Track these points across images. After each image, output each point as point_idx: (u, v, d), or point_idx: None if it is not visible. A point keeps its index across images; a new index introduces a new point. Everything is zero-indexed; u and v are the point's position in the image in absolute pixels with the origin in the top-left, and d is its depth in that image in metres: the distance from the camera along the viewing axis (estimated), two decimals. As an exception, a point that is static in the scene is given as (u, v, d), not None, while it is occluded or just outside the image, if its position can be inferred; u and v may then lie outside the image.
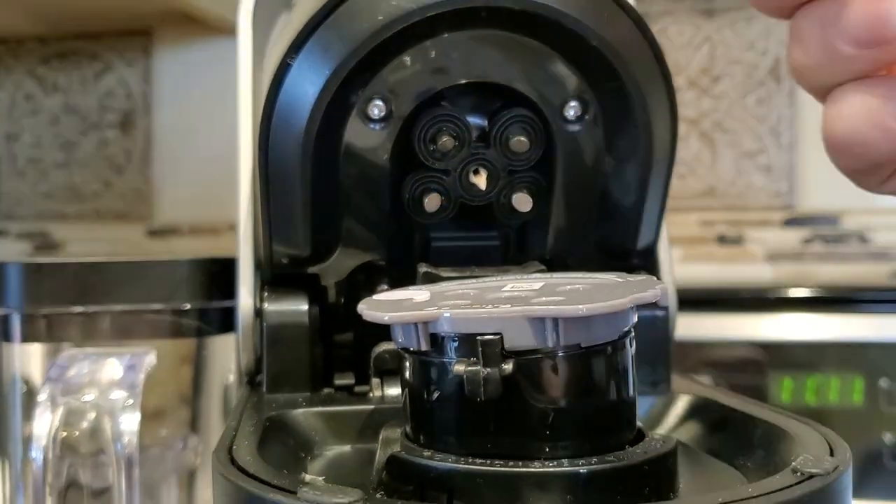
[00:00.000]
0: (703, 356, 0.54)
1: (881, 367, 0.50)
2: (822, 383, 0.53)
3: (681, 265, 0.64)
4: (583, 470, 0.17)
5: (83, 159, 0.80)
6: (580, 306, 0.16)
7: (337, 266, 0.26)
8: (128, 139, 0.80)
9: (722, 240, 0.64)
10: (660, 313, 0.26)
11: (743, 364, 0.54)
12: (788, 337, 0.53)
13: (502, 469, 0.17)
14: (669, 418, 0.23)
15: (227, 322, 0.31)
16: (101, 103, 0.81)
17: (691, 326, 0.56)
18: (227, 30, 0.65)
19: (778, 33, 0.64)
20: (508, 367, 0.17)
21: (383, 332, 0.19)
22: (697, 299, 0.56)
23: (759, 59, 0.65)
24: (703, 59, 0.66)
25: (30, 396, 0.33)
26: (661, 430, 0.23)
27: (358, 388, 0.26)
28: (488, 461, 0.17)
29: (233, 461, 0.17)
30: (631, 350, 0.18)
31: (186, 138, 0.80)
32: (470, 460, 0.17)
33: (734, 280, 0.61)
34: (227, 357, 0.37)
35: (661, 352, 0.25)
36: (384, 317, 0.18)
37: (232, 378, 0.37)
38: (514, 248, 0.26)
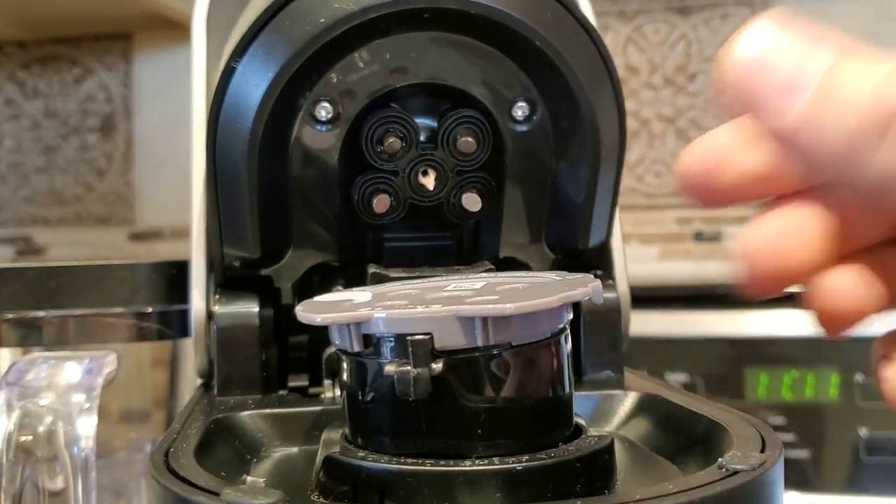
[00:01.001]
0: (678, 352, 0.55)
1: (856, 362, 0.50)
2: (798, 378, 0.53)
3: (658, 262, 0.64)
4: (515, 467, 0.17)
5: (64, 164, 0.80)
6: (508, 305, 0.16)
7: (290, 268, 0.26)
8: (109, 143, 0.80)
9: (699, 237, 0.64)
10: (612, 309, 0.26)
11: (719, 360, 0.54)
12: (764, 333, 0.53)
13: (433, 468, 0.17)
14: (618, 415, 0.24)
15: (186, 326, 0.31)
16: (82, 107, 0.81)
17: (668, 323, 0.56)
18: (205, 33, 0.65)
19: (754, 30, 0.64)
20: (438, 366, 0.17)
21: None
22: (675, 296, 0.56)
23: (736, 57, 0.65)
24: (678, 57, 0.66)
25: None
26: (610, 426, 0.23)
27: (313, 390, 0.26)
28: (420, 461, 0.17)
29: (167, 464, 0.17)
30: (566, 347, 0.18)
31: (167, 141, 0.80)
32: (402, 460, 0.17)
33: (711, 277, 0.61)
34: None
35: (613, 348, 0.26)
36: (317, 318, 0.18)
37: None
38: (468, 247, 0.26)
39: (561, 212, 0.26)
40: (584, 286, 0.18)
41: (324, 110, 0.23)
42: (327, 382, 0.24)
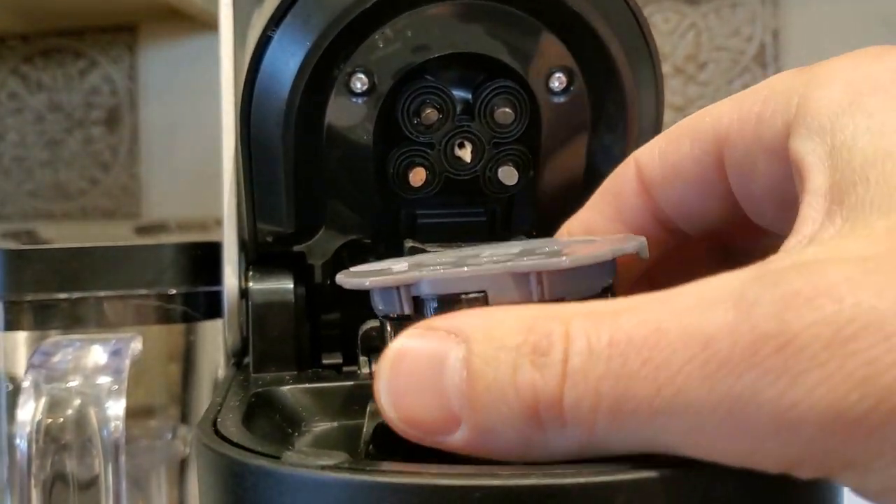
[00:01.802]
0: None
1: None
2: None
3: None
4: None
5: (69, 157, 0.80)
6: (563, 258, 0.16)
7: (322, 244, 0.25)
8: (114, 136, 0.79)
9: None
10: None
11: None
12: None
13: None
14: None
15: (212, 307, 0.31)
16: (87, 100, 0.80)
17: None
18: (213, 25, 0.64)
19: (763, 19, 0.64)
20: None
21: (370, 310, 0.19)
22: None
23: (744, 46, 0.65)
24: (688, 47, 0.66)
25: (15, 392, 0.32)
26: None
27: (346, 368, 0.25)
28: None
29: (217, 432, 0.17)
30: None
31: (173, 134, 0.80)
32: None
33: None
34: (216, 347, 0.37)
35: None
36: (365, 282, 0.17)
37: (221, 370, 0.37)
38: (501, 224, 0.26)
39: (595, 188, 0.25)
40: (633, 241, 0.18)
41: (359, 82, 0.23)
42: (363, 359, 0.24)
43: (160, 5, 0.69)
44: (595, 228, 0.22)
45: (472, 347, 0.14)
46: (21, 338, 0.32)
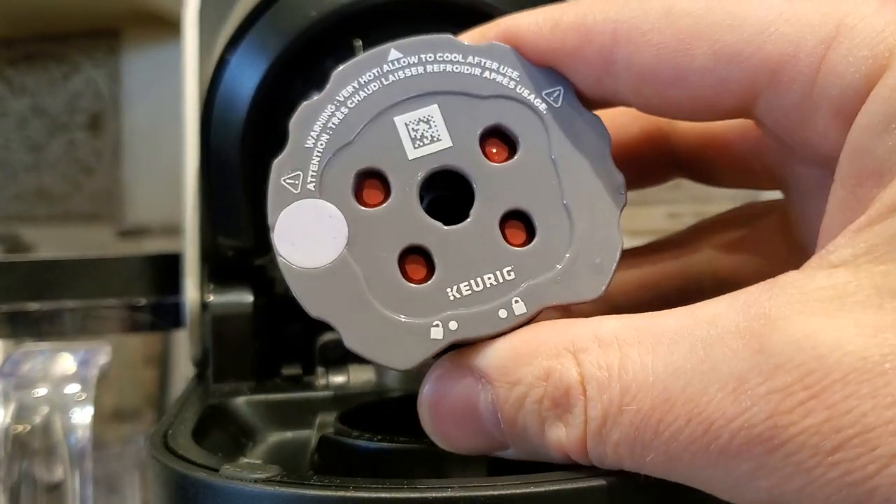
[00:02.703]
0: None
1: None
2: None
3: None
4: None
5: (52, 161, 0.80)
6: None
7: (283, 258, 0.26)
8: (97, 140, 0.80)
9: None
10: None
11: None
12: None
13: (426, 447, 0.17)
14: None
15: (179, 318, 0.32)
16: (70, 105, 0.80)
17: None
18: (193, 29, 0.65)
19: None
20: None
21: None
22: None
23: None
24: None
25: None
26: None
27: (306, 378, 0.26)
28: (412, 439, 0.17)
29: (166, 445, 0.18)
30: None
31: (156, 138, 0.80)
32: (395, 439, 0.18)
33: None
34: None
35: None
36: None
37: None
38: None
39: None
40: None
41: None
42: (320, 370, 0.25)
43: (143, 10, 0.69)
44: None
45: (498, 392, 0.15)
46: (-5, 346, 0.33)
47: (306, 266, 0.15)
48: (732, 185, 0.20)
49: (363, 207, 0.16)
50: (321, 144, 0.16)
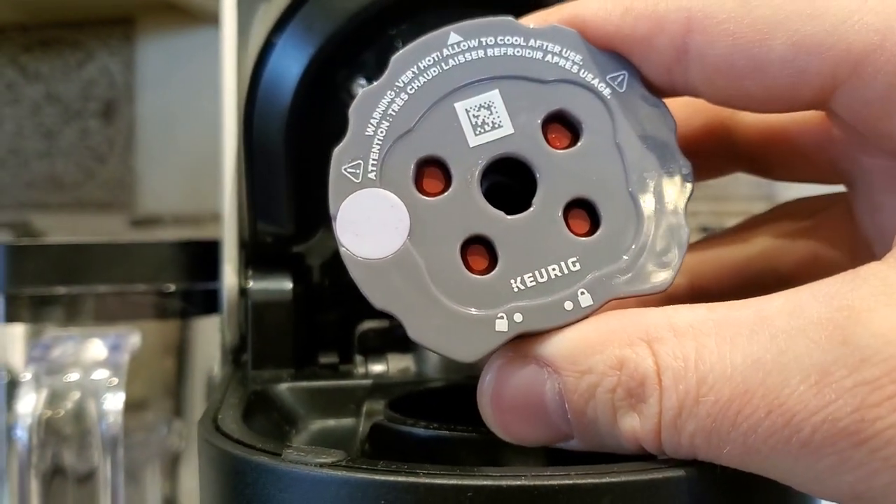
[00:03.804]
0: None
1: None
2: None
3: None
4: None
5: (65, 148, 0.80)
6: None
7: (321, 245, 0.26)
8: (110, 128, 0.79)
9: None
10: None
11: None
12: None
13: (480, 436, 0.17)
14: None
15: (209, 304, 0.31)
16: (84, 92, 0.80)
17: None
18: (210, 18, 0.64)
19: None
20: None
21: (367, 310, 0.19)
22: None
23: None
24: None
25: (12, 385, 0.33)
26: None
27: (342, 367, 0.26)
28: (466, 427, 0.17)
29: (218, 428, 0.17)
30: None
31: (170, 127, 0.80)
32: (450, 426, 0.17)
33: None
34: (211, 343, 0.37)
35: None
36: None
37: (216, 366, 0.37)
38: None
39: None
40: None
41: (360, 87, 0.23)
42: (359, 358, 0.25)
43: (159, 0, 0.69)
44: None
45: (566, 381, 0.15)
46: (18, 331, 0.33)
47: (370, 257, 0.15)
48: (793, 178, 0.20)
49: (424, 197, 0.15)
50: (381, 132, 0.16)
